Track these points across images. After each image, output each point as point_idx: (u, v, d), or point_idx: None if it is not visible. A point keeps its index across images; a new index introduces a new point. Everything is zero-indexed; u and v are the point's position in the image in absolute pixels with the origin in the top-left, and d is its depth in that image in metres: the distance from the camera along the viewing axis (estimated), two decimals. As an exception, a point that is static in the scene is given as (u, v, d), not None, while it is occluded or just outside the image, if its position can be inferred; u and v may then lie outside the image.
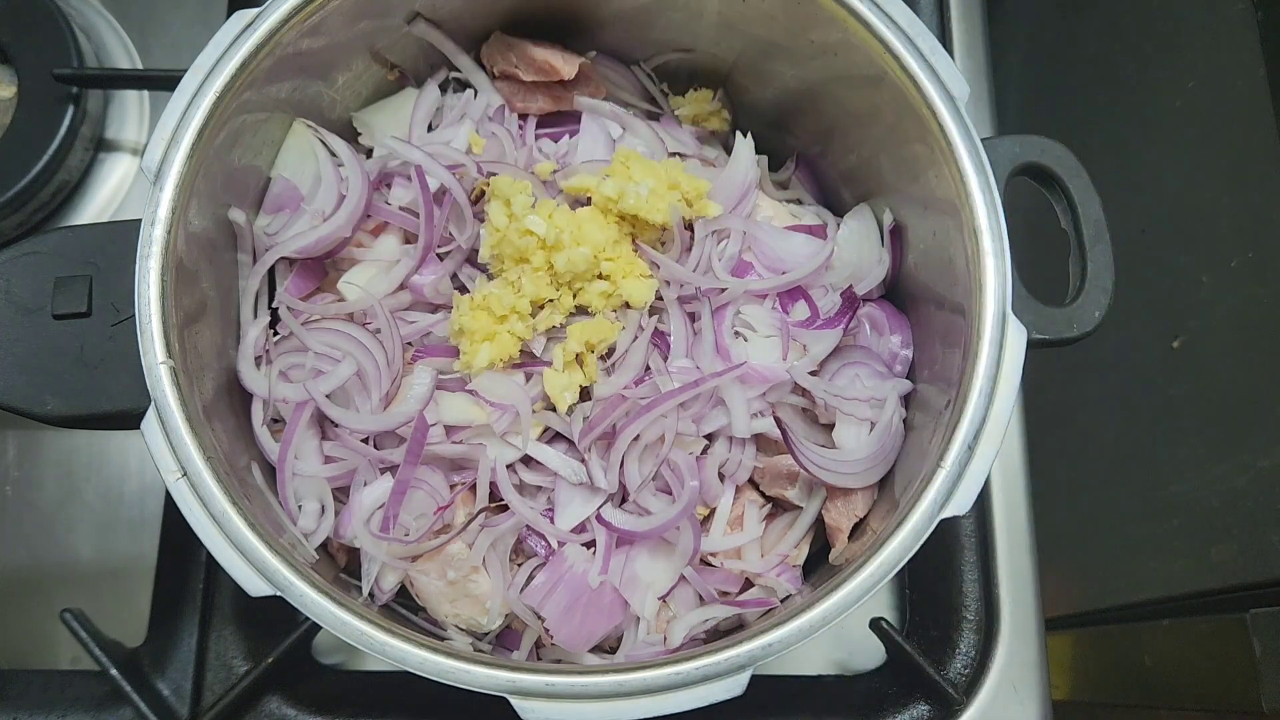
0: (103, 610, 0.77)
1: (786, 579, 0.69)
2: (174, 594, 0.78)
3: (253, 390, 0.68)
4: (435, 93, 0.75)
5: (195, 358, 0.62)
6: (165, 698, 0.75)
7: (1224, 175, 0.86)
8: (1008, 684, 0.76)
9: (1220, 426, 0.86)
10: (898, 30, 0.63)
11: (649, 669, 0.55)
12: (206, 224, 0.64)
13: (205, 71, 0.61)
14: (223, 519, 0.56)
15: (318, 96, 0.71)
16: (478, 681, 0.55)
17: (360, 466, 0.67)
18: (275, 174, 0.71)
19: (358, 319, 0.69)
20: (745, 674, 0.55)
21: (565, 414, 0.66)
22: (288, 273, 0.71)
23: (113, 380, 0.61)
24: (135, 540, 0.87)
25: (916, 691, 0.75)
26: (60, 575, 0.88)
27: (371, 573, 0.66)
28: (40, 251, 0.63)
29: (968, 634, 0.78)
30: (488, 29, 0.74)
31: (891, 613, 0.82)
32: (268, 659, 0.72)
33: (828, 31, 0.65)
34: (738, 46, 0.74)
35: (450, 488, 0.67)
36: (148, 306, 0.58)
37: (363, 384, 0.67)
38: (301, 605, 0.55)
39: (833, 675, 0.81)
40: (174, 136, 0.60)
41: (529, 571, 0.67)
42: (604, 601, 0.65)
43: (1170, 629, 0.91)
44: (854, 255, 0.73)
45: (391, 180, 0.72)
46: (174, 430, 0.57)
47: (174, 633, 0.76)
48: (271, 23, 0.62)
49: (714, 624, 0.68)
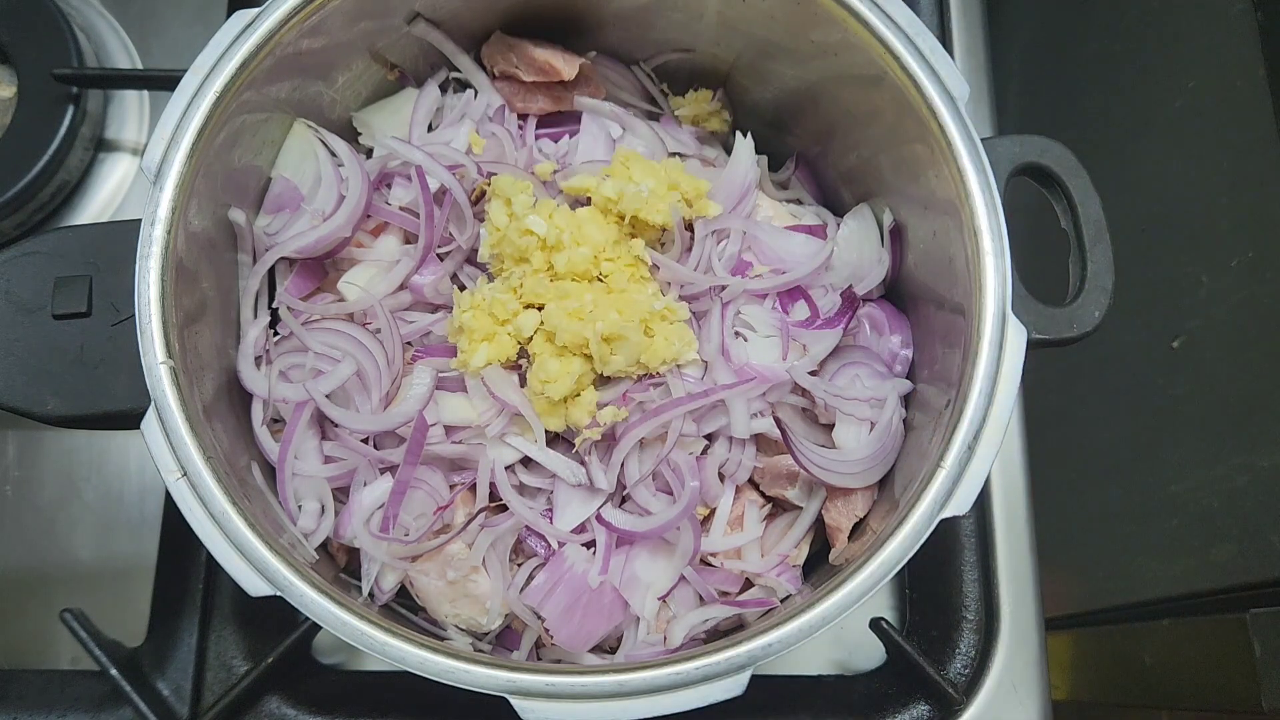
0: (103, 610, 0.77)
1: (786, 579, 0.69)
2: (174, 594, 0.78)
3: (253, 390, 0.68)
4: (435, 93, 0.75)
5: (195, 358, 0.62)
6: (165, 698, 0.75)
7: (1224, 175, 0.86)
8: (1008, 684, 0.76)
9: (1220, 426, 0.86)
10: (898, 30, 0.63)
11: (649, 669, 0.55)
12: (206, 224, 0.64)
13: (205, 71, 0.61)
14: (223, 519, 0.56)
15: (318, 96, 0.71)
16: (478, 681, 0.54)
17: (360, 466, 0.67)
18: (276, 174, 0.71)
19: (358, 319, 0.69)
20: (745, 674, 0.55)
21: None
22: (288, 273, 0.71)
23: (113, 380, 0.61)
24: (135, 540, 0.87)
25: (916, 691, 0.75)
26: (60, 575, 0.88)
27: (371, 573, 0.66)
28: (40, 251, 0.63)
29: (968, 634, 0.78)
30: (488, 29, 0.74)
31: (891, 613, 0.82)
32: (268, 659, 0.72)
33: (828, 31, 0.65)
34: (738, 46, 0.74)
35: (450, 488, 0.67)
36: (148, 306, 0.58)
37: (363, 384, 0.67)
38: (301, 605, 0.55)
39: (833, 675, 0.81)
40: (174, 136, 0.60)
41: (529, 571, 0.67)
42: (604, 601, 0.65)
43: (1170, 629, 0.91)
44: (854, 255, 0.73)
45: (391, 180, 0.72)
46: (174, 430, 0.57)
47: (174, 633, 0.76)
48: (271, 23, 0.62)
49: (714, 624, 0.68)
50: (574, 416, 0.64)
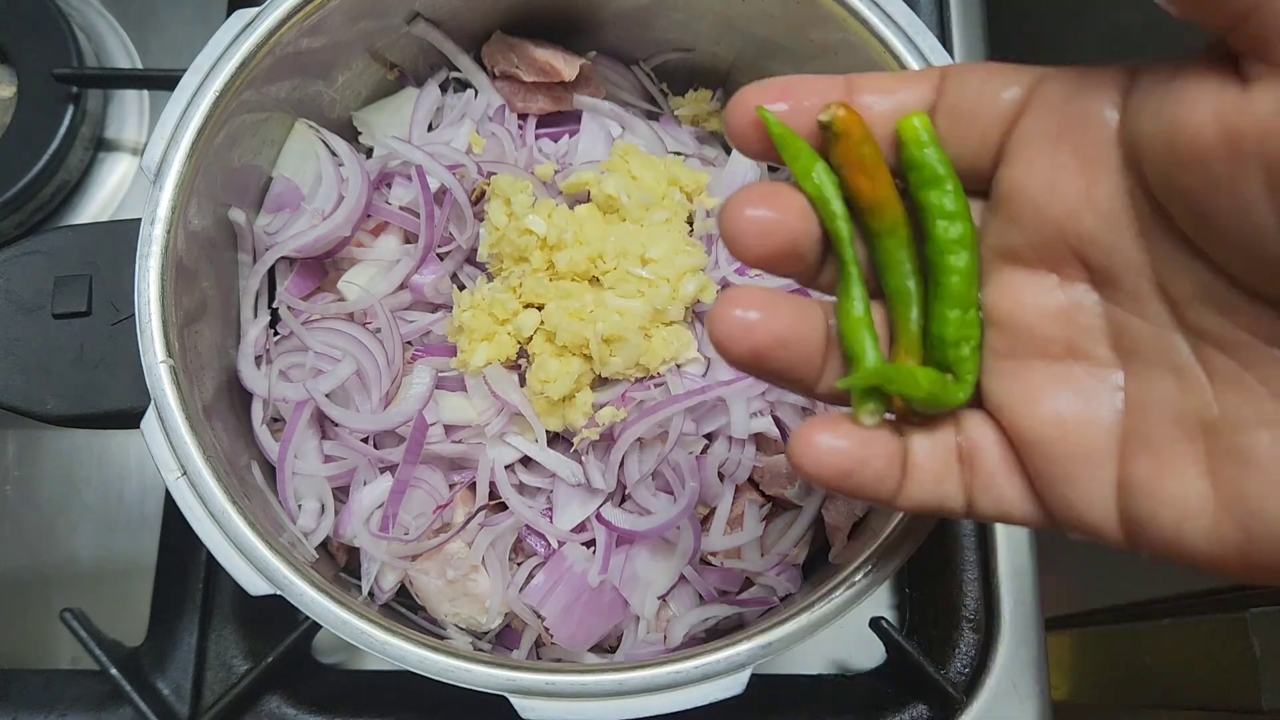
0: (103, 610, 0.77)
1: (786, 578, 0.69)
2: (174, 593, 0.78)
3: (253, 390, 0.68)
4: (435, 93, 0.75)
5: (195, 357, 0.62)
6: (165, 697, 0.75)
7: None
8: (1008, 683, 0.76)
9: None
10: (897, 30, 0.63)
11: (649, 668, 0.55)
12: (206, 223, 0.64)
13: (205, 71, 0.61)
14: (222, 518, 0.56)
15: (317, 96, 0.71)
16: (477, 680, 0.55)
17: (360, 466, 0.67)
18: (276, 173, 0.71)
19: (358, 318, 0.69)
20: (745, 673, 0.55)
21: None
22: (288, 272, 0.71)
23: (113, 379, 0.61)
24: (135, 540, 0.87)
25: (916, 691, 0.75)
26: (60, 575, 0.88)
27: (371, 572, 0.66)
28: (40, 251, 0.63)
29: (968, 633, 0.78)
30: (488, 29, 0.74)
31: (891, 612, 0.82)
32: (268, 658, 0.72)
33: (827, 31, 0.65)
34: (737, 46, 0.74)
35: (449, 487, 0.67)
36: (147, 306, 0.58)
37: (362, 383, 0.67)
38: (301, 604, 0.55)
39: (832, 675, 0.80)
40: (173, 136, 0.60)
41: (529, 570, 0.67)
42: (604, 601, 0.65)
43: (1170, 629, 0.90)
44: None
45: (392, 180, 0.72)
46: (174, 429, 0.57)
47: (174, 632, 0.76)
48: (271, 22, 0.62)
49: (714, 623, 0.68)
50: (570, 418, 0.64)
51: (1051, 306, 0.37)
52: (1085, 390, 0.37)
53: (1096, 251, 0.35)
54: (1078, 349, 0.37)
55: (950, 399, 0.39)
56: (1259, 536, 0.32)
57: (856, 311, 0.39)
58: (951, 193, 0.37)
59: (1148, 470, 0.35)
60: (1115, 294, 0.36)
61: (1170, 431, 0.35)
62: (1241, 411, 0.33)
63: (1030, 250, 0.37)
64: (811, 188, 0.38)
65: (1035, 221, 0.36)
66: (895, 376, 0.38)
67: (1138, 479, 0.35)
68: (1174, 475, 0.34)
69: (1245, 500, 0.32)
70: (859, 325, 0.39)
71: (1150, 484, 0.35)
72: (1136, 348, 0.36)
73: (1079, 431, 0.36)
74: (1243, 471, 0.32)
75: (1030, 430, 0.37)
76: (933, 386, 0.38)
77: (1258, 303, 0.32)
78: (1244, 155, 0.29)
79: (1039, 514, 0.38)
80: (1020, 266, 0.38)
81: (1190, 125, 0.31)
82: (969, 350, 0.38)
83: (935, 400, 0.38)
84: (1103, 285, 0.36)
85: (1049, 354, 0.37)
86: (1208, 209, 0.31)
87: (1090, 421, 0.36)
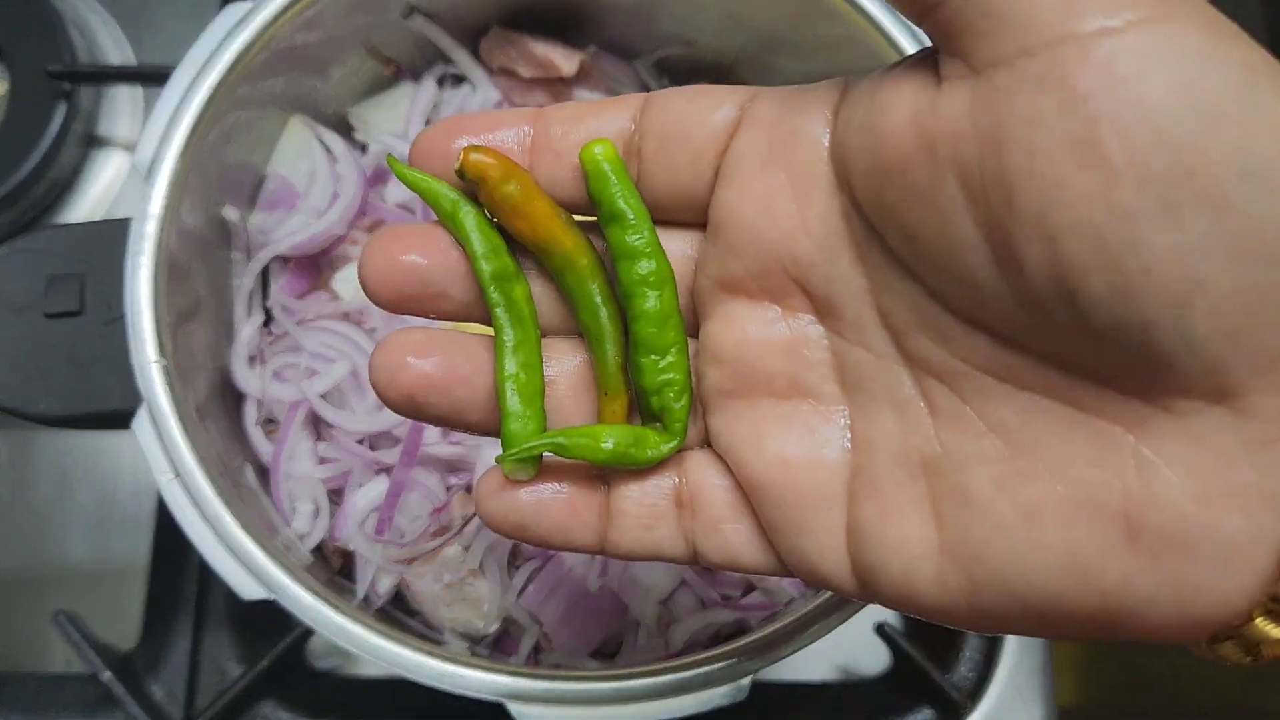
0: (96, 612, 0.76)
1: (789, 582, 0.68)
2: (167, 597, 0.77)
3: (246, 390, 0.67)
4: (432, 88, 0.74)
5: (188, 357, 0.61)
6: (158, 702, 0.74)
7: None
8: (1013, 689, 0.75)
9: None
10: (901, 24, 0.62)
11: (650, 674, 0.54)
12: (200, 221, 0.64)
13: (198, 67, 0.61)
14: (216, 521, 0.55)
15: (313, 91, 0.70)
16: (475, 686, 0.54)
17: (355, 468, 0.66)
18: (271, 170, 0.70)
19: (353, 318, 0.68)
20: (748, 679, 0.54)
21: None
22: (282, 271, 0.70)
23: (105, 379, 0.60)
24: (129, 542, 0.86)
25: (921, 696, 0.75)
26: (53, 577, 0.87)
27: (367, 576, 0.65)
28: (32, 249, 0.62)
29: (972, 638, 0.77)
30: (486, 23, 0.74)
31: (895, 617, 0.81)
32: (262, 663, 0.71)
33: (831, 25, 0.64)
34: (739, 39, 0.73)
35: (446, 489, 0.66)
36: (139, 305, 0.57)
37: (358, 384, 0.66)
38: (295, 609, 0.55)
39: (837, 680, 0.80)
40: (166, 133, 0.60)
41: (527, 574, 0.66)
42: (603, 606, 0.65)
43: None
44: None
45: (387, 177, 0.71)
46: (166, 430, 0.56)
47: (167, 636, 0.76)
48: (265, 17, 0.61)
49: (715, 628, 0.67)
50: None
51: (776, 340, 0.34)
52: (811, 430, 0.34)
53: (815, 278, 0.33)
54: (803, 385, 0.34)
55: (645, 456, 0.35)
56: (984, 583, 0.29)
57: (507, 368, 0.35)
58: (635, 225, 0.34)
59: (873, 514, 0.32)
60: (838, 324, 0.33)
61: (894, 473, 0.32)
62: (962, 448, 0.30)
63: (750, 279, 0.34)
64: (455, 230, 0.35)
65: (752, 248, 0.33)
66: (568, 443, 0.34)
67: (865, 524, 0.32)
68: (898, 519, 0.31)
69: (968, 544, 0.30)
70: (505, 382, 0.35)
71: (877, 529, 0.32)
72: (860, 382, 0.33)
73: (806, 474, 0.33)
74: (964, 513, 0.30)
75: (757, 473, 0.34)
76: (622, 445, 0.34)
77: (974, 330, 0.30)
78: (939, 161, 0.27)
79: (773, 561, 0.35)
80: (742, 297, 0.35)
81: (891, 133, 0.29)
82: (673, 396, 0.35)
83: (625, 460, 0.35)
84: (825, 315, 0.34)
85: (775, 391, 0.34)
86: (913, 224, 0.29)
87: (817, 464, 0.33)
